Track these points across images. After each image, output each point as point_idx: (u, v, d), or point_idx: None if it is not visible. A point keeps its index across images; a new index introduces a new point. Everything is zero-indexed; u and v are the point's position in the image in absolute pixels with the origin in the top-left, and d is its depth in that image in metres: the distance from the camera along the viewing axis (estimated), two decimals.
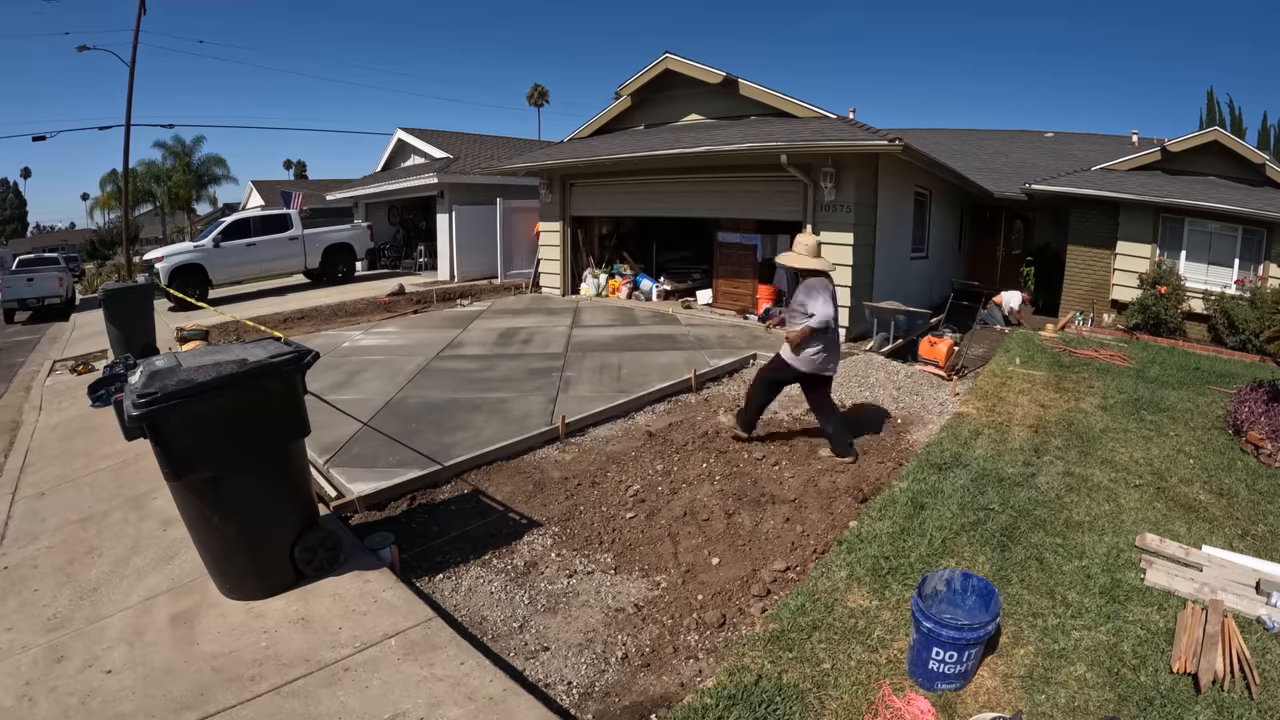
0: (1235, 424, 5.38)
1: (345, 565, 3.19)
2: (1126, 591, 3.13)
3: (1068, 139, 17.41)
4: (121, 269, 18.33)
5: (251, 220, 14.49)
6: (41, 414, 6.39)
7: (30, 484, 4.60)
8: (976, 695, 2.52)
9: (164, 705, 2.37)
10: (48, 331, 12.56)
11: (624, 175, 10.67)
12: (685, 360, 7.08)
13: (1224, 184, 10.12)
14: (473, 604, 3.19)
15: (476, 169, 14.87)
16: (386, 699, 2.37)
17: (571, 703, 2.59)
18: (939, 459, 4.58)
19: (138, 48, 14.59)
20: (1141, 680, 2.56)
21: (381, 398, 5.95)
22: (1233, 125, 22.96)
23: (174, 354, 3.12)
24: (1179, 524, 3.83)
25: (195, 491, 2.84)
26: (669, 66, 10.24)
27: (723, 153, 8.59)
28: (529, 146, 18.78)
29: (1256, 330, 8.50)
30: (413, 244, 18.59)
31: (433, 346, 8.01)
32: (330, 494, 4.17)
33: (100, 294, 8.12)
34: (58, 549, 3.59)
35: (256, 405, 2.89)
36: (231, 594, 3.01)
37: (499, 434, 5.03)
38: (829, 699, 2.49)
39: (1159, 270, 9.83)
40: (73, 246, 36.00)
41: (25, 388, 7.83)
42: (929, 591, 2.75)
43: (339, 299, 12.37)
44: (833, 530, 3.77)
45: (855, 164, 8.13)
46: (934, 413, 5.73)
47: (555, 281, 12.46)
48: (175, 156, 34.07)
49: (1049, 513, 3.90)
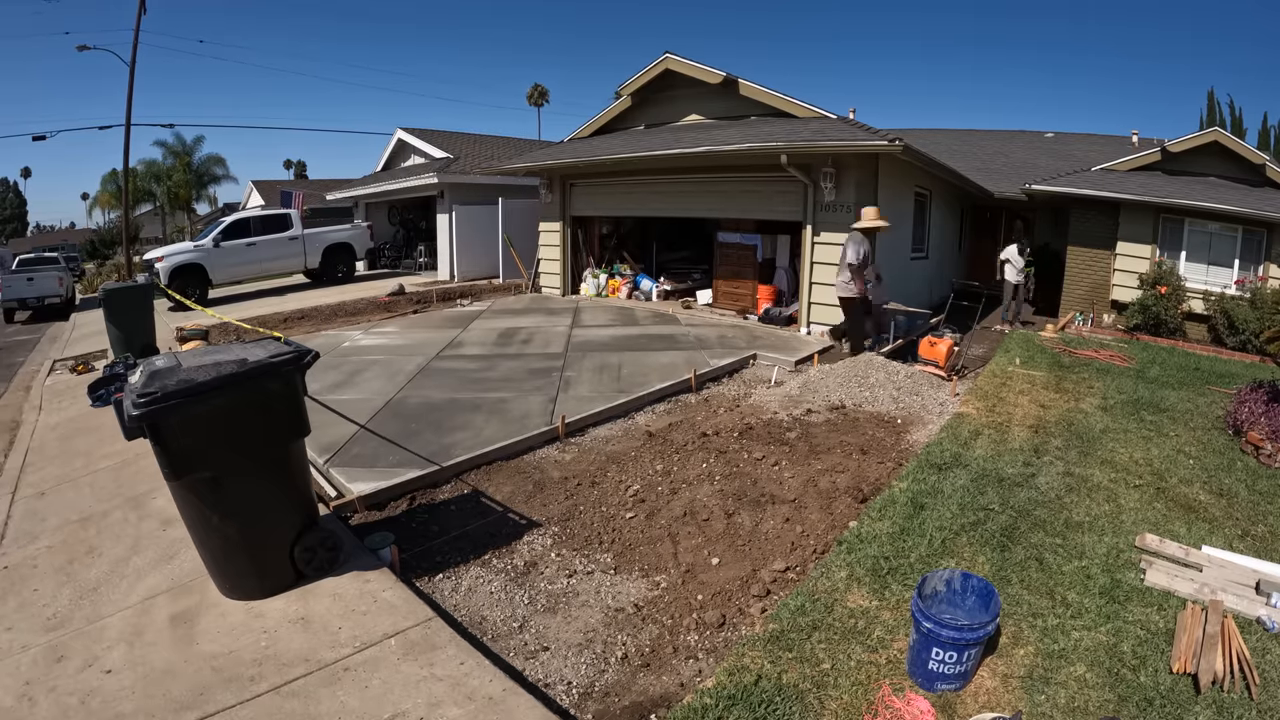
0: (1235, 424, 5.37)
1: (345, 565, 3.19)
2: (1126, 592, 3.13)
3: (1068, 139, 17.41)
4: (121, 269, 18.34)
5: (251, 220, 14.48)
6: (41, 414, 6.39)
7: (30, 484, 4.60)
8: (976, 695, 2.52)
9: (164, 705, 2.37)
10: (48, 331, 12.56)
11: (624, 175, 10.68)
12: (685, 360, 7.08)
13: (1224, 184, 10.12)
14: (472, 604, 3.19)
15: (476, 169, 14.87)
16: (386, 699, 2.37)
17: (571, 703, 2.59)
18: (939, 459, 4.58)
19: (138, 47, 14.63)
20: (1141, 680, 2.56)
21: (381, 398, 5.95)
22: (1233, 126, 22.97)
23: (174, 354, 3.12)
24: (1179, 524, 3.83)
25: (195, 491, 2.84)
26: (669, 66, 10.24)
27: (723, 153, 8.59)
28: (529, 146, 18.78)
29: (1256, 331, 8.50)
30: (413, 244, 18.59)
31: (433, 346, 8.01)
32: (330, 494, 4.17)
33: (100, 294, 8.12)
34: (58, 549, 3.59)
35: (256, 405, 2.89)
36: (231, 594, 3.01)
37: (499, 434, 5.03)
38: (829, 699, 2.49)
39: (1159, 270, 9.82)
40: (73, 246, 35.98)
41: (25, 387, 7.83)
42: (929, 592, 2.75)
43: (339, 299, 12.37)
44: (833, 530, 3.77)
45: (855, 164, 8.13)
46: (934, 413, 5.73)
47: (555, 281, 12.46)
48: (175, 156, 34.05)
49: (1049, 513, 3.90)
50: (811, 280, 8.60)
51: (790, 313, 9.31)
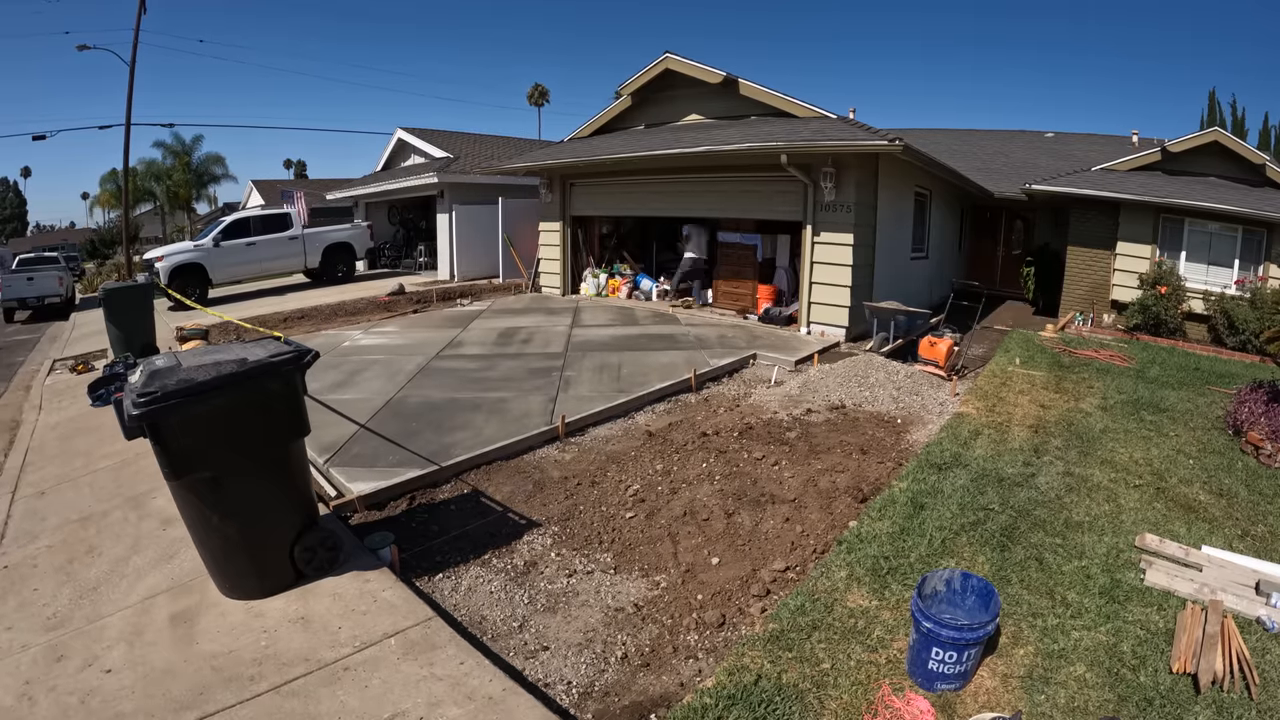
0: (1235, 424, 5.38)
1: (345, 565, 3.19)
2: (1126, 592, 3.13)
3: (1068, 139, 17.40)
4: (121, 268, 18.33)
5: (251, 219, 14.47)
6: (41, 413, 6.39)
7: (30, 483, 4.60)
8: (976, 695, 2.52)
9: (163, 704, 2.37)
10: (47, 331, 12.56)
11: (624, 175, 10.67)
12: (685, 360, 7.08)
13: (1224, 184, 10.11)
14: (472, 603, 3.19)
15: (477, 169, 14.87)
16: (386, 698, 2.37)
17: (571, 702, 2.59)
18: (939, 459, 4.58)
19: (138, 47, 14.61)
20: (1141, 680, 2.56)
21: (381, 397, 5.95)
22: (1234, 126, 22.94)
23: (174, 353, 3.12)
24: (1179, 524, 3.83)
25: (195, 491, 2.84)
26: (669, 66, 10.24)
27: (723, 153, 8.59)
28: (529, 146, 18.78)
29: (1256, 331, 8.50)
30: (413, 243, 18.59)
31: (432, 346, 8.01)
32: (330, 494, 4.17)
33: (100, 293, 8.12)
34: (57, 548, 3.59)
35: (256, 405, 2.89)
36: (231, 593, 3.01)
37: (499, 434, 5.03)
38: (828, 699, 2.49)
39: (1159, 270, 9.82)
40: (73, 246, 35.97)
41: (25, 387, 7.82)
42: (929, 591, 2.75)
43: (339, 298, 12.37)
44: (832, 530, 3.77)
45: (855, 164, 8.13)
46: (934, 413, 5.73)
47: (555, 281, 12.46)
48: (175, 156, 34.04)
49: (1049, 513, 3.90)
50: (812, 280, 8.60)
51: (790, 312, 9.31)
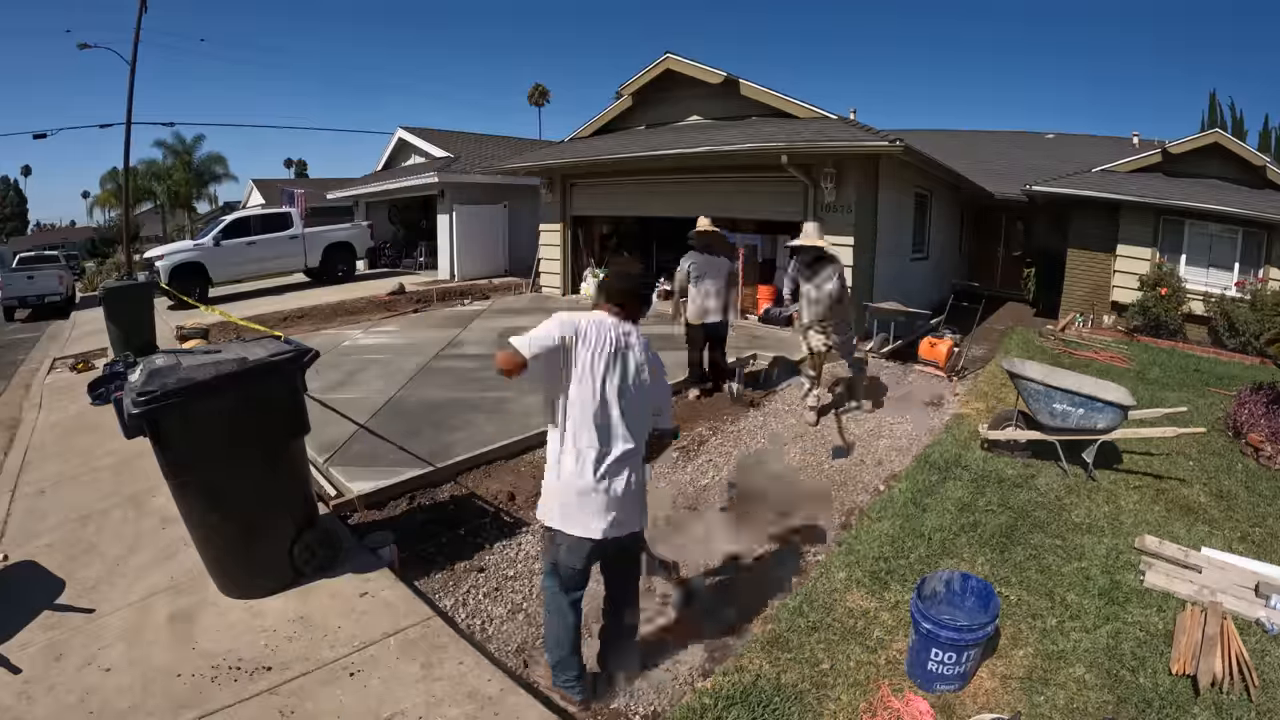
0: (1235, 426, 5.37)
1: (344, 564, 3.19)
2: (1126, 593, 3.13)
3: (1068, 140, 17.41)
4: (122, 267, 18.30)
5: (252, 219, 14.46)
6: (41, 412, 6.38)
7: (30, 482, 4.59)
8: (975, 696, 2.52)
9: (163, 703, 2.37)
10: (48, 329, 12.54)
11: (625, 175, 10.67)
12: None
13: (1225, 186, 10.10)
14: (472, 603, 3.19)
15: (477, 168, 14.85)
16: (385, 698, 2.37)
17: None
18: (939, 459, 4.58)
19: (139, 46, 14.58)
20: (1140, 682, 2.56)
21: (381, 396, 5.95)
22: (1234, 128, 22.90)
23: (174, 352, 3.11)
24: (1178, 526, 3.83)
25: (194, 490, 2.84)
26: (670, 66, 10.23)
27: (723, 153, 8.58)
28: (530, 146, 18.76)
29: (1256, 332, 8.49)
30: (413, 243, 18.58)
31: (433, 345, 8.01)
32: (330, 493, 4.16)
33: (100, 292, 8.12)
34: (57, 547, 3.59)
35: (256, 404, 2.89)
36: (230, 593, 3.00)
37: (499, 433, 5.02)
38: (828, 699, 2.48)
39: (1159, 272, 9.82)
40: (73, 244, 35.92)
41: (25, 385, 7.82)
42: (928, 592, 2.75)
43: (339, 298, 12.36)
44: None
45: (856, 165, 8.12)
46: (934, 413, 5.73)
47: (555, 281, 12.46)
48: (175, 155, 33.99)
49: (1048, 514, 3.90)
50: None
51: (790, 313, 9.29)
